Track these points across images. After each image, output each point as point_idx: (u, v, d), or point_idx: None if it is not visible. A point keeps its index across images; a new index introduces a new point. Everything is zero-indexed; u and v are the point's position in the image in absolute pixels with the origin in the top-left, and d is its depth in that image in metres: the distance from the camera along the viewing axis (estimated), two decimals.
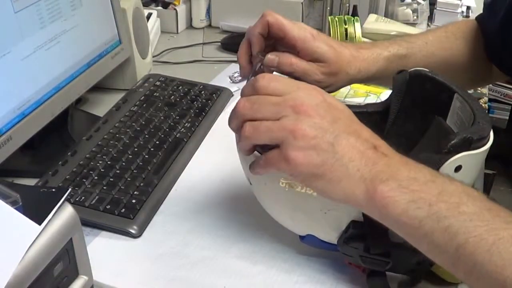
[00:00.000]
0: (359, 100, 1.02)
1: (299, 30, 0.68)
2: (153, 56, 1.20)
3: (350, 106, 0.73)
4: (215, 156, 0.85)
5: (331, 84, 0.71)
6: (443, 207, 0.48)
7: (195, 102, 0.97)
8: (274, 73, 0.69)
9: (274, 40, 0.69)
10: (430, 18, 1.51)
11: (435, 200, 0.49)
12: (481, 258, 0.46)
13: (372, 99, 1.02)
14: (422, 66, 0.71)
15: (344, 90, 1.05)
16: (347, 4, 1.36)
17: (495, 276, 0.46)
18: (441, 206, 0.49)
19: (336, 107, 0.55)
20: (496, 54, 0.83)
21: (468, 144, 0.56)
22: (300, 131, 0.52)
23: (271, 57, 0.67)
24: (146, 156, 0.82)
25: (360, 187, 0.51)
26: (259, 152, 0.57)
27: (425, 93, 0.67)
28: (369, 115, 0.72)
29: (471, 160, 0.57)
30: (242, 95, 0.58)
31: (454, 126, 0.63)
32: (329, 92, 0.73)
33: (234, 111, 0.56)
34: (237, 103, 0.56)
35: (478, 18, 0.87)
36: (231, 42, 1.28)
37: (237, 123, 0.56)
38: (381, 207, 0.50)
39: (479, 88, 1.19)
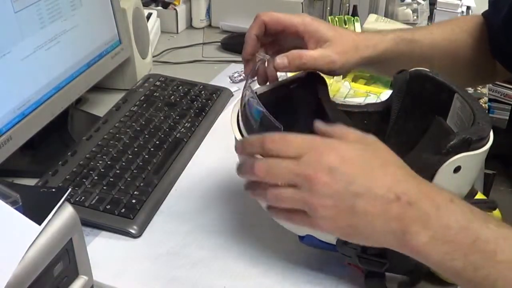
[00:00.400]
0: (359, 100, 1.02)
1: (296, 17, 0.69)
2: (153, 56, 1.20)
3: (350, 106, 0.74)
4: (215, 156, 0.85)
5: (343, 63, 0.70)
6: (479, 258, 0.48)
7: (195, 102, 0.97)
8: (281, 75, 0.69)
9: (276, 37, 0.70)
10: (430, 18, 1.51)
11: (471, 250, 0.48)
12: None
13: (372, 99, 1.02)
14: (428, 55, 0.71)
15: (344, 90, 1.05)
16: (347, 4, 1.36)
17: None
18: (477, 256, 0.48)
19: (350, 160, 0.52)
20: (499, 50, 0.83)
21: (467, 145, 0.56)
22: (319, 202, 0.52)
23: (279, 60, 0.67)
24: (146, 156, 0.82)
25: (391, 241, 0.52)
26: None
27: (426, 93, 0.67)
28: (369, 115, 0.72)
29: (470, 160, 0.57)
30: (246, 149, 0.57)
31: (454, 126, 0.63)
32: (342, 73, 0.73)
33: (249, 169, 0.55)
34: (248, 165, 0.55)
35: (484, 13, 0.86)
36: (231, 42, 1.28)
37: (251, 184, 0.57)
38: (417, 256, 0.51)
39: (479, 88, 1.19)
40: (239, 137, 0.61)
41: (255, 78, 0.69)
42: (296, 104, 0.71)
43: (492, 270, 0.48)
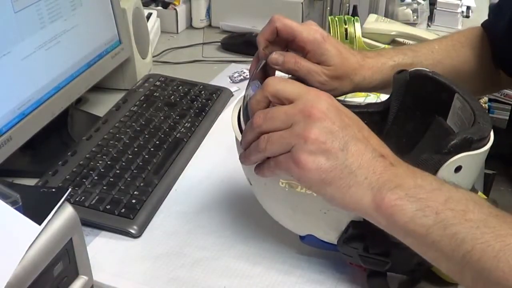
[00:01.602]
0: (359, 100, 1.02)
1: (309, 32, 0.68)
2: (153, 56, 1.20)
3: (350, 106, 0.74)
4: (215, 156, 0.85)
5: (334, 88, 0.70)
6: (450, 215, 0.49)
7: (195, 102, 0.97)
8: (278, 73, 0.69)
9: (286, 43, 0.70)
10: (430, 18, 1.51)
11: (442, 208, 0.49)
12: (488, 265, 0.46)
13: (372, 99, 1.02)
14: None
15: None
16: (347, 4, 1.36)
17: (502, 283, 0.46)
18: (447, 213, 0.49)
19: (345, 112, 0.55)
20: (503, 59, 0.83)
21: (468, 145, 0.56)
22: (311, 135, 0.52)
23: (275, 55, 0.67)
24: (146, 156, 0.82)
25: (367, 195, 0.51)
26: None
27: (426, 93, 0.67)
28: (369, 115, 0.72)
29: (471, 160, 0.57)
30: (253, 103, 0.58)
31: (455, 126, 0.63)
32: (333, 95, 0.73)
33: (249, 124, 0.57)
34: (252, 117, 0.56)
35: (484, 24, 0.86)
36: (231, 42, 1.28)
37: (253, 136, 0.56)
38: (388, 216, 0.51)
39: None
40: (239, 136, 0.61)
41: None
42: None
43: (461, 228, 0.48)
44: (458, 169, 0.56)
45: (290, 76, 0.72)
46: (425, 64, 0.76)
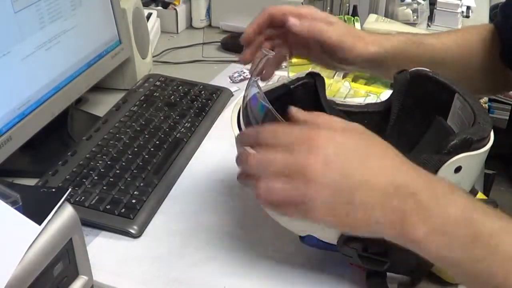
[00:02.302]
0: (359, 100, 1.02)
1: (303, 8, 0.70)
2: (153, 56, 1.20)
3: (350, 106, 0.74)
4: (215, 156, 0.85)
5: (349, 46, 0.70)
6: (479, 250, 0.48)
7: (195, 102, 0.97)
8: (281, 75, 0.69)
9: (282, 29, 0.70)
10: (430, 18, 1.51)
11: (471, 243, 0.48)
12: None
13: (372, 99, 1.02)
14: (439, 59, 0.70)
15: (344, 90, 1.05)
16: (347, 4, 1.36)
17: None
18: (477, 249, 0.48)
19: (347, 148, 0.51)
20: (511, 58, 0.83)
21: (468, 145, 0.56)
22: (315, 192, 0.50)
23: (293, 20, 0.67)
24: (146, 156, 0.82)
25: (390, 232, 0.50)
26: None
27: (426, 93, 0.67)
28: (369, 115, 0.72)
29: (471, 161, 0.57)
30: (242, 140, 0.57)
31: (455, 126, 0.63)
32: (355, 65, 0.73)
33: (241, 159, 0.55)
34: (242, 155, 0.55)
35: (495, 22, 0.86)
36: (231, 42, 1.28)
37: (244, 175, 0.56)
38: (416, 248, 0.50)
39: None
40: None
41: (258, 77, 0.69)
42: (296, 104, 0.71)
43: (492, 262, 0.47)
44: (458, 169, 0.56)
45: (290, 76, 0.72)
46: (436, 47, 0.76)
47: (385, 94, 1.01)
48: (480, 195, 0.65)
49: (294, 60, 0.90)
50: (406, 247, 0.51)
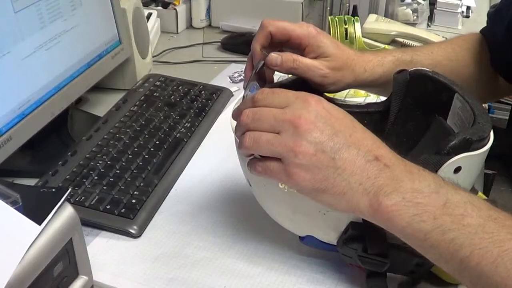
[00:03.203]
0: (359, 100, 1.02)
1: (302, 28, 0.69)
2: (153, 56, 1.20)
3: (350, 106, 0.74)
4: (215, 156, 0.85)
5: (336, 80, 0.71)
6: (448, 220, 0.48)
7: (195, 102, 0.97)
8: (277, 75, 0.69)
9: (281, 45, 0.70)
10: (430, 18, 1.51)
11: (440, 212, 0.49)
12: (487, 270, 0.46)
13: (372, 99, 1.02)
14: None
15: (344, 90, 1.04)
16: (347, 4, 1.36)
17: (500, 287, 0.46)
18: (445, 219, 0.48)
19: (336, 116, 0.54)
20: (502, 65, 0.83)
21: (468, 145, 0.56)
22: (300, 148, 0.52)
23: (273, 55, 0.67)
24: (146, 156, 0.82)
25: (363, 200, 0.51)
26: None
27: (426, 93, 0.67)
28: (369, 115, 0.72)
29: (470, 161, 0.57)
30: (240, 108, 0.57)
31: (455, 126, 0.63)
32: (335, 91, 0.73)
33: (236, 114, 0.57)
34: (238, 110, 0.57)
35: (483, 30, 0.86)
36: (231, 42, 1.28)
37: (239, 134, 0.56)
38: (386, 220, 0.51)
39: None
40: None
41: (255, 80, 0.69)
42: None
43: (459, 233, 0.48)
44: (457, 169, 0.56)
45: (290, 76, 0.72)
46: (424, 64, 0.76)
47: None
48: (481, 195, 0.65)
49: None
50: (378, 224, 0.52)
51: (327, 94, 0.73)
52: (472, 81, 0.83)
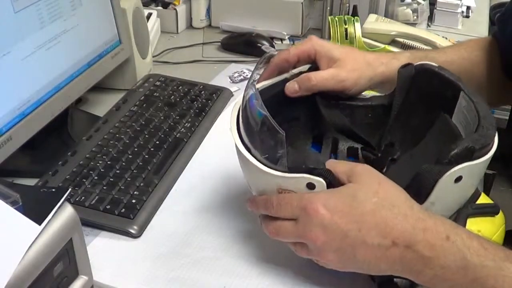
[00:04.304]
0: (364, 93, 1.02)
1: (305, 44, 0.72)
2: (153, 56, 1.20)
3: (354, 99, 0.73)
4: (215, 156, 0.85)
5: (355, 80, 0.71)
6: None
7: (195, 102, 0.97)
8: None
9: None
10: (430, 18, 1.50)
11: (470, 287, 0.52)
12: None
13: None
14: None
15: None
16: (347, 4, 1.36)
17: None
18: None
19: (339, 214, 0.55)
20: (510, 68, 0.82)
21: (471, 154, 0.55)
22: (324, 257, 0.57)
23: (290, 85, 0.69)
24: (146, 156, 0.82)
25: (399, 274, 0.56)
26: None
27: (431, 89, 0.66)
28: (373, 109, 0.71)
29: (472, 170, 0.56)
30: (252, 207, 0.63)
31: (460, 125, 0.62)
32: (357, 92, 0.73)
33: (263, 226, 0.61)
34: (263, 223, 0.61)
35: (494, 34, 0.86)
36: (231, 42, 1.28)
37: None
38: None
39: None
40: (238, 142, 0.61)
41: (256, 78, 0.69)
42: (296, 99, 0.71)
43: None
44: (458, 179, 0.55)
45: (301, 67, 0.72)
46: (439, 61, 0.75)
47: None
48: (483, 197, 0.65)
49: None
50: None
51: None
52: (484, 81, 0.83)
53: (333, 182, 0.57)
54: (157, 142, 0.85)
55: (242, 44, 1.25)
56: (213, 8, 1.41)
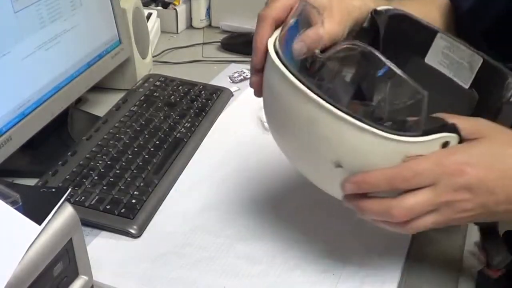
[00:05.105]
0: None
1: None
2: (153, 56, 1.20)
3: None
4: (215, 156, 0.85)
5: (342, 34, 0.64)
6: None
7: (195, 102, 0.97)
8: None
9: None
10: None
11: None
12: None
13: None
14: None
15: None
16: None
17: None
18: None
19: (482, 166, 0.53)
20: (467, 34, 0.81)
21: None
22: (462, 215, 0.53)
23: (297, 46, 0.58)
24: (146, 156, 0.82)
25: None
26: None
27: (401, 33, 0.64)
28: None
29: None
30: (364, 189, 0.54)
31: (440, 65, 0.62)
32: (343, 37, 0.66)
33: (382, 215, 0.54)
34: (382, 211, 0.54)
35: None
36: (231, 42, 1.28)
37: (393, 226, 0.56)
38: None
39: None
40: (289, 75, 0.52)
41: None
42: None
43: None
44: None
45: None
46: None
47: None
48: None
49: None
50: None
51: None
52: None
53: (463, 138, 0.54)
54: (157, 142, 0.85)
55: (242, 44, 1.25)
56: (213, 8, 1.41)
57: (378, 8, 0.65)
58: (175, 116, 0.92)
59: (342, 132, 0.50)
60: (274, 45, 0.56)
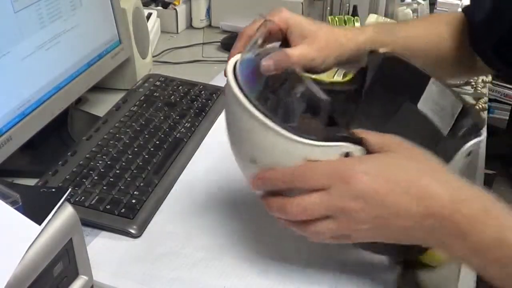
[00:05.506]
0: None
1: (276, 14, 0.69)
2: (153, 56, 1.20)
3: (316, 83, 0.70)
4: (215, 156, 0.85)
5: (324, 59, 0.68)
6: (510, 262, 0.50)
7: (195, 102, 0.97)
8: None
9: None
10: None
11: (504, 262, 0.50)
12: None
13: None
14: (411, 44, 0.71)
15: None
16: (347, 4, 1.36)
17: None
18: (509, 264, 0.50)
19: (376, 178, 0.52)
20: (480, 45, 0.82)
21: (477, 130, 0.57)
22: (357, 227, 0.53)
23: (265, 63, 0.62)
24: (146, 156, 0.82)
25: (433, 245, 0.55)
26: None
27: (396, 77, 0.65)
28: (335, 94, 0.69)
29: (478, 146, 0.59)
30: (266, 186, 0.56)
31: (431, 112, 0.62)
32: (324, 70, 0.70)
33: (278, 210, 0.56)
34: (278, 207, 0.56)
35: (464, 9, 0.86)
36: (231, 42, 1.26)
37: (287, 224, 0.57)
38: (460, 260, 0.56)
39: (479, 88, 1.18)
40: (248, 105, 0.55)
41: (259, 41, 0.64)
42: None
43: None
44: (468, 154, 0.57)
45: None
46: (408, 34, 0.76)
47: None
48: None
49: None
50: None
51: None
52: (451, 56, 0.83)
53: (368, 151, 0.54)
54: (157, 142, 0.85)
55: None
56: (213, 8, 1.41)
57: (373, 49, 0.68)
58: (175, 116, 0.92)
59: (255, 128, 0.54)
60: (235, 64, 0.60)
